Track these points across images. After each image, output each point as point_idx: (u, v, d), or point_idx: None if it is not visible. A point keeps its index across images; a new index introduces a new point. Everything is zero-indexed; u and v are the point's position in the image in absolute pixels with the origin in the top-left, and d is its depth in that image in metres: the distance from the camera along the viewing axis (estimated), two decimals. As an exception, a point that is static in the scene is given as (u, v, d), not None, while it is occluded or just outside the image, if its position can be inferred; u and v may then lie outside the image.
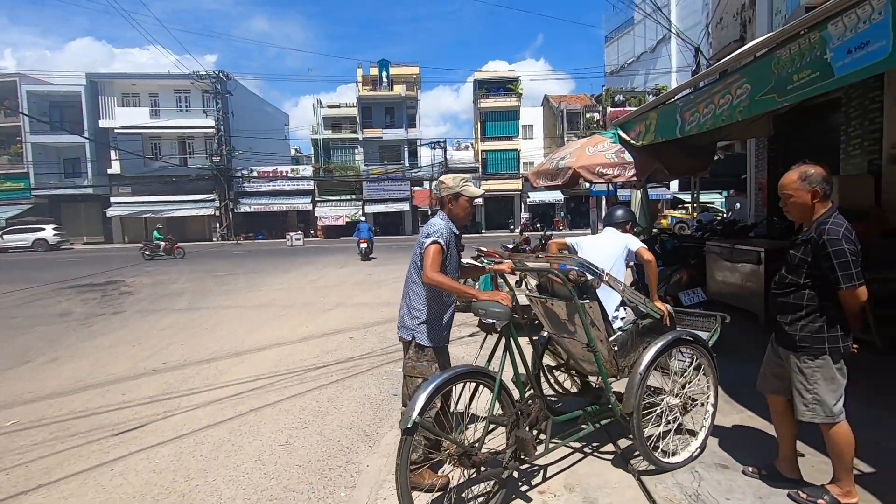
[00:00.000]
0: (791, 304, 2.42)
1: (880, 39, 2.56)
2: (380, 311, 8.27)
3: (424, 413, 2.30)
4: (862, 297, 2.25)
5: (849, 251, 2.23)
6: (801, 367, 2.41)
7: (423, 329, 2.84)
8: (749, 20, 12.14)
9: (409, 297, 2.90)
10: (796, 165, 2.46)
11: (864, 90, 6.51)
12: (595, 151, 5.64)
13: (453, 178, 2.97)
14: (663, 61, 33.36)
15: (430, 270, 2.65)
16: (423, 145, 37.54)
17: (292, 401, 4.24)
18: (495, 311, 2.57)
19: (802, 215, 2.43)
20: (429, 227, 2.84)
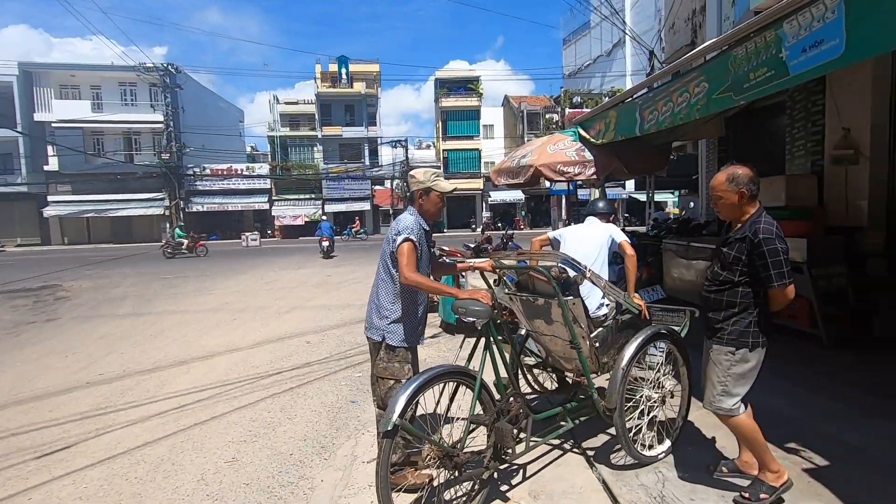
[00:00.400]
0: (725, 300, 2.45)
1: (833, 38, 2.58)
2: (339, 314, 8.00)
3: (405, 414, 2.25)
4: (790, 294, 2.32)
5: (781, 250, 2.29)
6: (719, 358, 2.47)
7: (394, 329, 2.72)
8: (700, 25, 12.53)
9: (378, 295, 2.77)
10: (725, 167, 2.50)
11: (807, 94, 6.79)
12: (556, 149, 5.62)
13: (424, 172, 2.84)
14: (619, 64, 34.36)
15: (408, 270, 2.55)
16: (384, 144, 37.13)
17: (242, 412, 3.97)
18: (476, 309, 2.53)
19: (732, 215, 2.48)
20: (399, 224, 2.70)
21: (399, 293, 2.71)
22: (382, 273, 2.77)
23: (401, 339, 2.73)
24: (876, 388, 3.88)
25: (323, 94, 36.29)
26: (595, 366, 3.00)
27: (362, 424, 3.67)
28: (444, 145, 37.70)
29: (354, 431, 3.56)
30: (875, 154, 5.94)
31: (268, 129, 37.02)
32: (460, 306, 2.57)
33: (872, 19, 2.37)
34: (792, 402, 3.71)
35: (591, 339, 2.92)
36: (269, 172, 35.54)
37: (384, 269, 2.76)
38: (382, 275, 2.77)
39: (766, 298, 2.40)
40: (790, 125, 7.28)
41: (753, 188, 2.40)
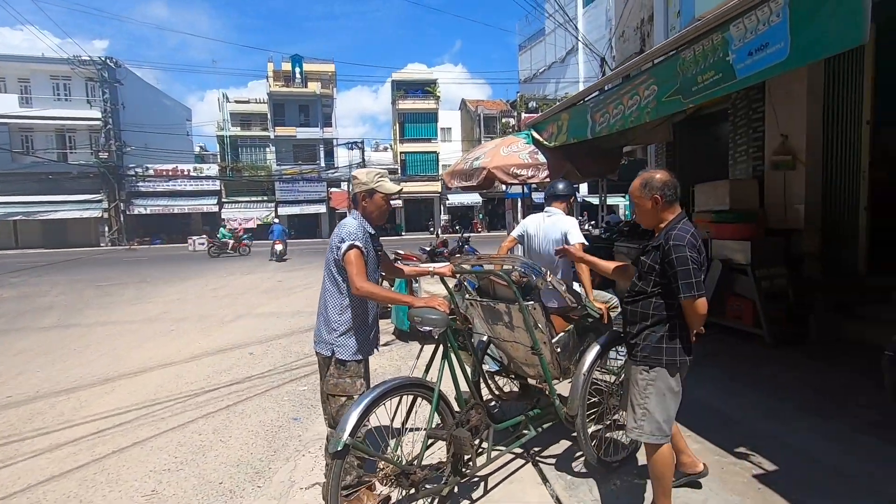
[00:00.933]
0: (638, 312, 2.31)
1: (778, 41, 2.57)
2: (288, 322, 7.62)
3: (357, 432, 2.08)
4: (701, 309, 2.12)
5: (690, 259, 2.11)
6: (636, 378, 2.30)
7: (343, 341, 2.52)
8: (648, 34, 12.91)
9: (325, 307, 2.56)
10: (642, 171, 2.40)
11: (748, 101, 7.04)
12: (509, 152, 5.53)
13: (367, 172, 2.64)
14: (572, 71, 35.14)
15: (359, 280, 2.37)
16: (340, 145, 36.41)
17: (169, 436, 3.61)
18: (432, 318, 2.37)
19: (650, 221, 2.36)
20: (342, 230, 2.49)
21: (347, 303, 2.52)
22: (328, 283, 2.57)
23: (352, 352, 2.54)
24: (815, 387, 3.97)
25: (276, 93, 35.21)
26: (557, 371, 2.90)
27: (303, 445, 3.40)
28: (401, 147, 37.40)
29: (294, 453, 3.29)
30: (810, 159, 6.21)
31: (217, 129, 35.55)
32: (415, 315, 2.40)
33: (815, 23, 2.37)
34: (738, 403, 3.74)
35: (552, 345, 2.82)
36: (219, 173, 34.11)
37: (329, 279, 2.56)
38: (328, 285, 2.57)
39: (681, 312, 2.21)
40: (733, 131, 7.53)
41: (669, 193, 2.26)
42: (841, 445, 3.01)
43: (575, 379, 2.77)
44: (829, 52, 2.33)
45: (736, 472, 2.82)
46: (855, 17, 2.16)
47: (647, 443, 2.30)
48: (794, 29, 2.47)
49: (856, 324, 5.25)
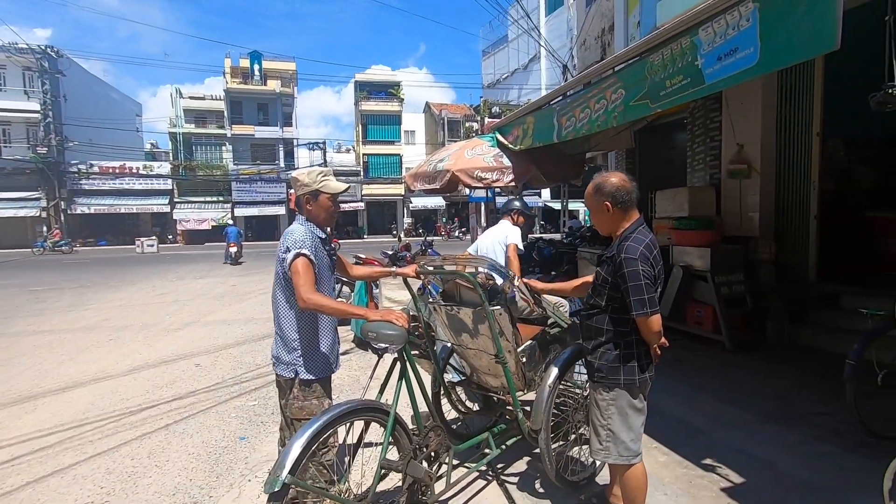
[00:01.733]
0: (593, 328, 2.17)
1: (748, 47, 2.52)
2: (240, 330, 7.20)
3: (298, 469, 1.82)
4: (654, 326, 1.98)
5: (643, 273, 1.94)
6: (595, 399, 2.17)
7: (306, 360, 2.30)
8: (608, 44, 13.16)
9: (280, 324, 2.33)
10: (596, 175, 2.24)
11: (706, 110, 7.19)
12: (473, 154, 5.39)
13: (308, 173, 2.41)
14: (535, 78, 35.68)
15: (306, 291, 2.13)
16: (300, 146, 35.53)
17: (96, 462, 3.24)
18: (388, 334, 2.15)
19: (606, 228, 2.20)
20: (287, 238, 2.26)
21: (303, 317, 2.30)
22: (280, 297, 2.32)
23: (318, 370, 2.32)
24: (774, 395, 4.01)
25: (233, 90, 34.01)
26: (521, 383, 2.75)
27: (250, 468, 3.11)
28: (364, 149, 36.88)
29: (239, 478, 3.00)
30: (764, 169, 6.39)
31: (170, 126, 33.97)
32: (370, 330, 2.17)
33: (786, 28, 2.32)
34: (702, 413, 3.71)
35: (517, 354, 2.66)
36: (171, 172, 32.57)
37: (281, 294, 2.32)
38: (280, 299, 2.32)
39: (637, 328, 2.05)
40: (691, 140, 7.69)
41: (622, 199, 2.09)
42: (804, 456, 2.99)
43: (539, 392, 2.62)
44: (800, 58, 2.29)
45: (704, 486, 2.75)
46: (826, 23, 2.12)
47: (617, 465, 2.16)
48: (765, 34, 2.42)
49: (809, 329, 5.39)
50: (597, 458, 2.23)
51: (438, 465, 2.44)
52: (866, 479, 2.69)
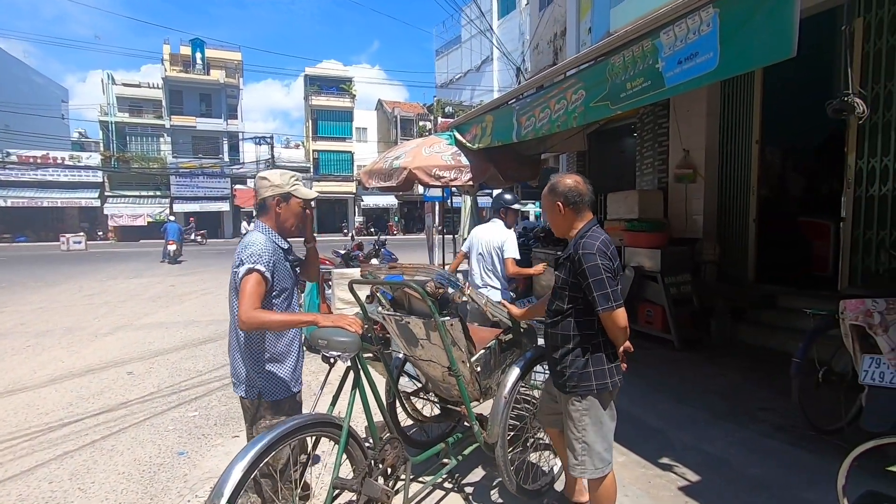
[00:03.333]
0: (559, 335, 2.10)
1: (707, 51, 2.55)
2: (179, 333, 6.73)
3: (238, 496, 1.63)
4: (620, 320, 1.95)
5: (603, 267, 1.93)
6: (569, 410, 2.10)
7: (272, 378, 2.10)
8: (560, 48, 13.44)
9: (239, 338, 2.10)
10: (552, 176, 2.23)
11: (654, 116, 7.44)
12: (431, 152, 5.28)
13: (280, 174, 2.21)
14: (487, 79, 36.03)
15: (245, 311, 1.91)
16: (246, 140, 34.09)
17: (6, 487, 2.86)
18: (340, 340, 1.98)
19: (560, 229, 2.18)
20: (244, 249, 2.03)
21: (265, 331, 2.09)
22: (233, 309, 2.10)
23: (285, 388, 2.12)
24: (722, 392, 4.15)
25: (173, 78, 32.13)
26: (477, 392, 2.65)
27: (189, 487, 2.85)
28: (314, 145, 35.92)
29: (177, 498, 2.73)
30: (708, 174, 6.68)
31: (100, 114, 31.63)
32: (320, 337, 1.99)
33: (745, 35, 2.36)
34: (656, 412, 3.78)
35: (472, 364, 2.56)
36: (102, 163, 30.36)
37: (231, 307, 2.11)
38: (234, 311, 2.10)
39: (602, 329, 2.03)
40: (640, 145, 7.94)
41: (574, 199, 2.08)
42: (754, 453, 3.09)
43: (495, 403, 2.52)
44: (759, 64, 2.34)
45: (662, 486, 2.77)
46: (784, 31, 2.16)
47: (593, 479, 2.10)
48: (724, 39, 2.45)
49: (749, 328, 5.66)
50: (573, 474, 2.15)
51: (395, 479, 2.30)
52: (813, 474, 2.82)
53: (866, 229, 5.09)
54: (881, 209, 4.97)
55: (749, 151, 6.30)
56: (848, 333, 2.63)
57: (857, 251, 5.19)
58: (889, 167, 4.89)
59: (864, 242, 5.12)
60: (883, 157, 4.94)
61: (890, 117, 4.85)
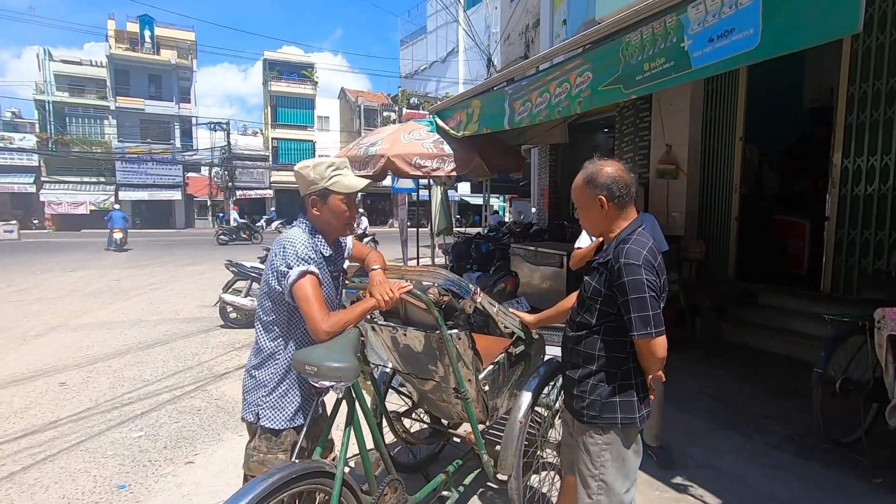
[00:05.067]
0: (582, 353, 1.75)
1: (747, 27, 2.26)
2: (124, 335, 6.04)
3: None
4: (659, 350, 1.62)
5: (647, 283, 1.58)
6: (586, 444, 1.75)
7: (275, 402, 1.74)
8: (532, 40, 13.21)
9: (258, 350, 1.80)
10: (588, 163, 1.81)
11: (636, 110, 7.26)
12: (411, 139, 4.86)
13: (314, 165, 1.78)
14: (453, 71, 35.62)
15: (322, 320, 1.63)
16: (201, 125, 32.27)
17: None
18: (334, 367, 1.56)
19: (597, 229, 1.82)
20: (284, 249, 1.69)
21: (283, 346, 1.76)
22: (266, 320, 1.78)
23: (287, 416, 1.74)
24: (717, 396, 3.96)
25: (119, 56, 29.92)
26: (484, 414, 2.29)
27: (131, 534, 2.36)
28: (273, 133, 34.47)
29: (116, 549, 2.24)
30: (691, 170, 6.56)
31: (36, 92, 29.09)
32: (307, 363, 1.56)
33: (795, 7, 2.08)
34: (657, 421, 3.54)
35: (479, 382, 2.20)
36: (38, 146, 27.99)
37: (268, 317, 1.77)
38: (266, 322, 1.78)
39: (634, 352, 1.69)
40: (619, 139, 7.76)
41: (621, 191, 1.71)
42: (767, 468, 2.88)
43: (509, 429, 2.16)
44: (812, 42, 2.06)
45: (679, 509, 2.51)
46: (848, 2, 1.89)
47: None
48: (768, 13, 2.17)
49: (731, 326, 5.57)
50: None
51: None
52: (832, 492, 2.62)
53: (850, 229, 5.07)
54: (866, 209, 4.95)
55: (732, 149, 6.21)
56: (883, 344, 2.42)
57: (840, 251, 5.17)
58: (875, 167, 4.87)
59: (847, 242, 5.10)
60: (869, 156, 4.91)
61: (878, 116, 4.82)
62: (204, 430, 3.48)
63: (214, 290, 7.90)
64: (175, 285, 9.69)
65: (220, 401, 4.02)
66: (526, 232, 8.74)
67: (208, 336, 6.05)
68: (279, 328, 1.74)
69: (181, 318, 7.00)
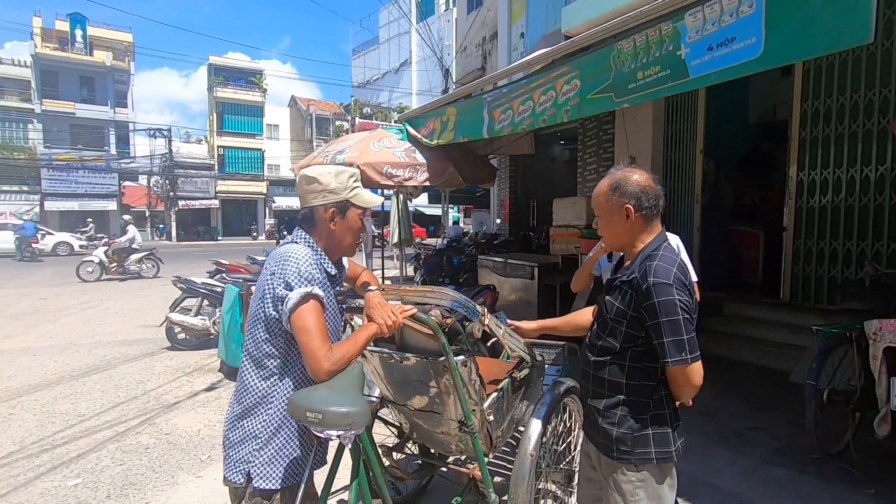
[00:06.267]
0: (606, 381, 1.57)
1: (749, 36, 2.21)
2: (53, 362, 5.37)
3: None
4: (695, 377, 1.48)
5: (681, 305, 1.44)
6: (617, 482, 1.58)
7: (269, 457, 1.44)
8: (489, 52, 13.32)
9: (245, 391, 1.49)
10: (613, 170, 1.64)
11: (598, 122, 7.35)
12: (381, 147, 4.63)
13: (337, 174, 1.54)
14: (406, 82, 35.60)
15: (325, 357, 1.36)
16: (139, 131, 30.40)
17: None
18: (342, 412, 1.29)
19: (618, 242, 1.64)
20: (285, 265, 1.43)
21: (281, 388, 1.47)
22: (256, 352, 1.49)
23: (286, 472, 1.44)
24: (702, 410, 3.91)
25: (45, 56, 27.73)
26: (487, 446, 2.08)
27: None
28: (219, 141, 33.01)
29: None
30: (653, 182, 6.68)
31: (-54, 92, 26.45)
32: (309, 409, 1.28)
33: (801, 16, 2.04)
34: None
35: (483, 412, 1.99)
36: (-53, 151, 25.37)
37: (254, 345, 1.49)
38: (255, 354, 1.49)
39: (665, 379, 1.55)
40: (582, 150, 7.84)
41: (651, 202, 1.55)
42: (766, 484, 2.83)
43: (518, 464, 1.98)
44: (822, 52, 2.03)
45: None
46: (858, 10, 1.85)
47: None
48: (772, 22, 2.13)
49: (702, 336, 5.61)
50: None
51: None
52: (833, 505, 2.60)
53: (807, 239, 5.28)
54: (821, 220, 5.17)
55: (694, 161, 6.38)
56: (878, 356, 2.43)
57: (798, 260, 5.38)
58: (829, 179, 5.10)
59: (805, 252, 5.31)
60: (822, 169, 5.14)
61: (829, 132, 5.06)
62: (154, 473, 3.05)
63: (158, 308, 7.28)
64: (112, 304, 8.87)
65: (171, 436, 3.57)
66: (491, 243, 8.64)
67: (153, 360, 5.49)
68: (275, 363, 1.46)
69: (121, 340, 6.35)
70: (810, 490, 2.75)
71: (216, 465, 3.03)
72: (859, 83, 4.78)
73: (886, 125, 4.61)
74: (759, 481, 2.86)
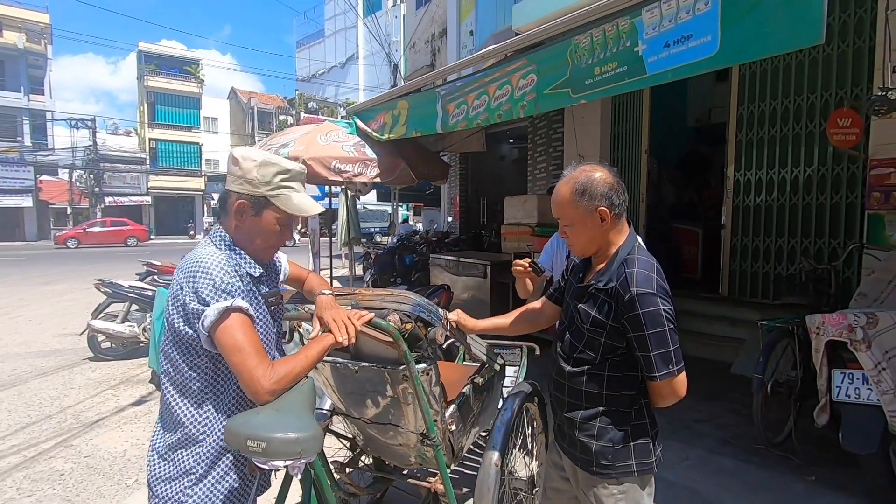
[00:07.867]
0: (585, 392, 1.48)
1: (705, 34, 2.21)
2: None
3: None
4: (681, 388, 1.43)
5: (665, 314, 1.36)
6: (598, 496, 1.50)
7: (206, 495, 1.25)
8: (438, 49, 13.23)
9: (170, 416, 1.28)
10: (570, 168, 1.52)
11: (548, 121, 7.44)
12: (329, 141, 4.39)
13: (262, 164, 1.29)
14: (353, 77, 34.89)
15: (263, 376, 1.17)
16: (58, 121, 27.93)
17: None
18: (293, 439, 1.12)
19: (592, 247, 1.52)
20: (195, 278, 1.21)
21: (209, 417, 1.27)
22: (175, 375, 1.27)
23: None
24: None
25: (-56, 35, 24.90)
26: (449, 457, 1.96)
27: None
28: (151, 133, 30.95)
29: None
30: (600, 181, 6.82)
31: None
32: (251, 437, 1.10)
33: (755, 16, 2.05)
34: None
35: (445, 421, 1.87)
36: None
37: (174, 373, 1.27)
38: (175, 377, 1.27)
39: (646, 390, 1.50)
40: (532, 149, 7.90)
41: (620, 200, 1.47)
42: (715, 475, 2.89)
43: (483, 477, 1.89)
44: (775, 51, 2.06)
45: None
46: (810, 12, 1.88)
47: None
48: (727, 21, 2.14)
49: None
50: None
51: None
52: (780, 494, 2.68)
53: (743, 236, 5.55)
54: (756, 218, 5.45)
55: (639, 161, 6.56)
56: (821, 349, 2.52)
57: (735, 256, 5.65)
58: (763, 179, 5.38)
59: (741, 248, 5.58)
60: (757, 170, 5.42)
61: (763, 134, 5.34)
62: (69, 503, 2.70)
63: (79, 314, 6.65)
64: (25, 311, 8.01)
65: (91, 458, 3.20)
66: (442, 241, 8.54)
67: (73, 373, 4.96)
68: (200, 386, 1.26)
69: (34, 351, 5.72)
70: (756, 480, 2.84)
71: (144, 491, 2.73)
72: (789, 89, 5.06)
73: (814, 129, 4.91)
74: (709, 473, 2.92)
